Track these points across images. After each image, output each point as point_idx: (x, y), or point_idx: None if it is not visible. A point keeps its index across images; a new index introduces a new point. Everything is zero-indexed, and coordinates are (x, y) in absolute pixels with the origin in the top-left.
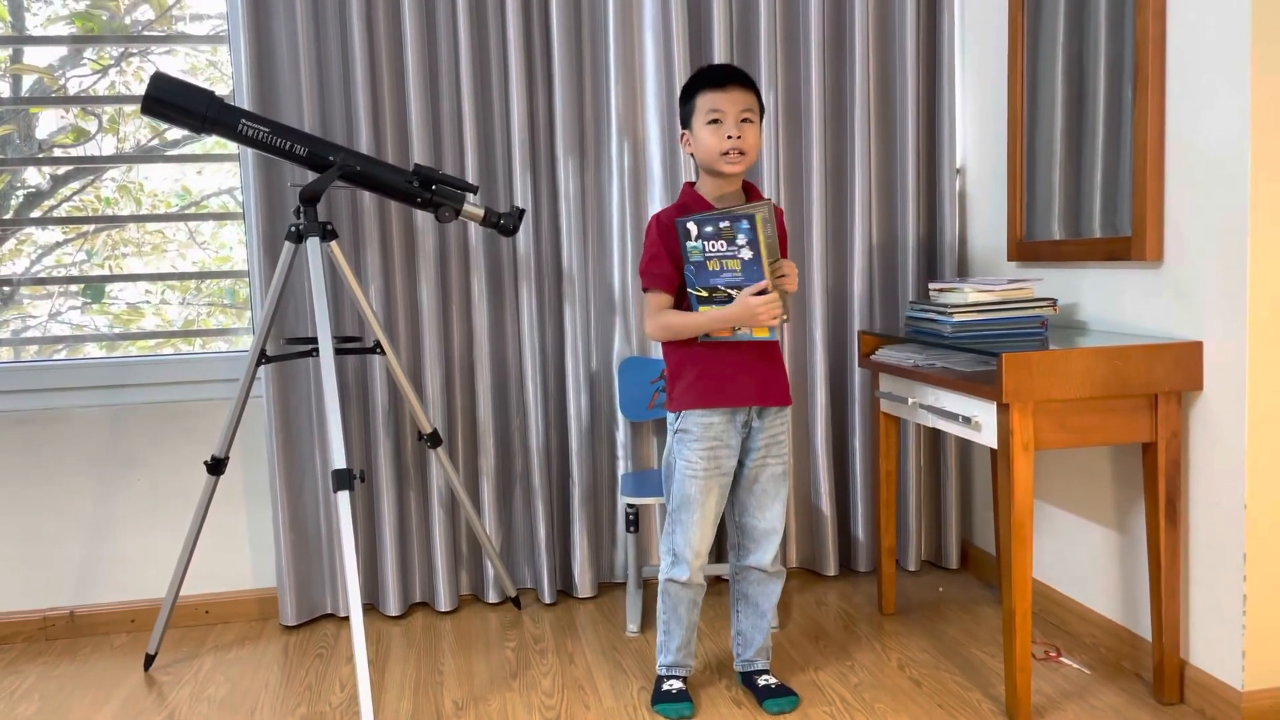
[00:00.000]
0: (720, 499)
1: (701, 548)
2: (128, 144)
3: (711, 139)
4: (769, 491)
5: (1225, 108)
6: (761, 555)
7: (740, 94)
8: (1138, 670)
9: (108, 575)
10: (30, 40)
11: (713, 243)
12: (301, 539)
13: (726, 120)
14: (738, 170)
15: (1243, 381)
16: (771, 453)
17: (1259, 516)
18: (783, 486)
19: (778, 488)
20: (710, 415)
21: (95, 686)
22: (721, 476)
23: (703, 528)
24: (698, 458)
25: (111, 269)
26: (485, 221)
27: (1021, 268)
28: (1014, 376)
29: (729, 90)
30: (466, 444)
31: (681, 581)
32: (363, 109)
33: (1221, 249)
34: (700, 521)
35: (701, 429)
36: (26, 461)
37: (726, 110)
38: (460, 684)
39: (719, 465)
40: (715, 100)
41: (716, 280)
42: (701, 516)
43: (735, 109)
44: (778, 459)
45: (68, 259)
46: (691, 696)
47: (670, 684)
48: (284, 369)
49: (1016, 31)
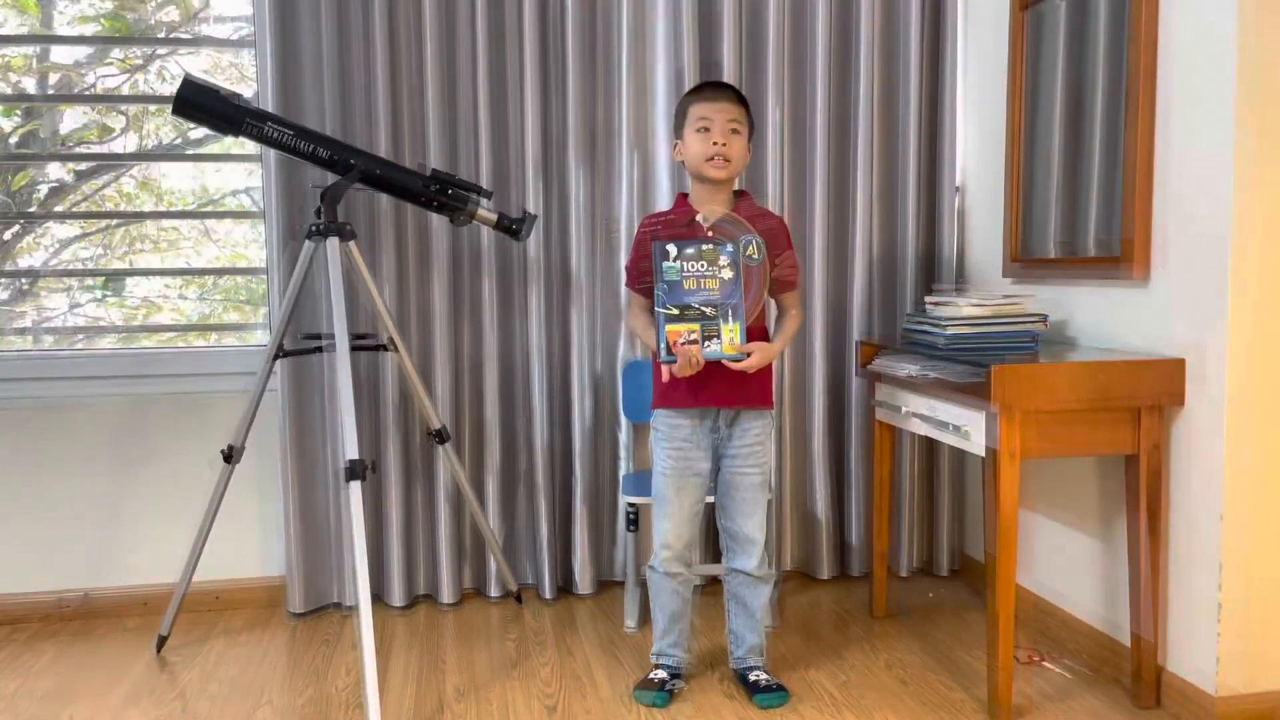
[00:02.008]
0: (695, 497)
1: (673, 540)
2: (150, 141)
3: (698, 145)
4: (749, 500)
5: (1210, 136)
6: (746, 560)
7: (729, 106)
8: (1117, 676)
9: (122, 560)
10: (59, 40)
11: (693, 263)
12: (310, 530)
13: (714, 128)
14: (722, 176)
15: (1222, 397)
16: (748, 461)
17: (1236, 527)
18: (762, 496)
19: (757, 497)
20: (677, 416)
21: (108, 666)
22: (694, 476)
23: (675, 522)
24: (667, 456)
25: (130, 263)
26: (498, 226)
27: (1016, 283)
28: (1003, 387)
29: (718, 101)
30: (473, 441)
31: (657, 570)
32: (382, 114)
33: (1205, 270)
34: (672, 516)
35: (669, 429)
36: (46, 448)
37: (714, 119)
38: (461, 673)
39: (689, 465)
40: (705, 110)
41: (690, 299)
42: (674, 512)
43: (723, 118)
44: (755, 468)
45: (84, 253)
46: (673, 689)
47: (655, 672)
48: (298, 364)
49: (1017, 54)
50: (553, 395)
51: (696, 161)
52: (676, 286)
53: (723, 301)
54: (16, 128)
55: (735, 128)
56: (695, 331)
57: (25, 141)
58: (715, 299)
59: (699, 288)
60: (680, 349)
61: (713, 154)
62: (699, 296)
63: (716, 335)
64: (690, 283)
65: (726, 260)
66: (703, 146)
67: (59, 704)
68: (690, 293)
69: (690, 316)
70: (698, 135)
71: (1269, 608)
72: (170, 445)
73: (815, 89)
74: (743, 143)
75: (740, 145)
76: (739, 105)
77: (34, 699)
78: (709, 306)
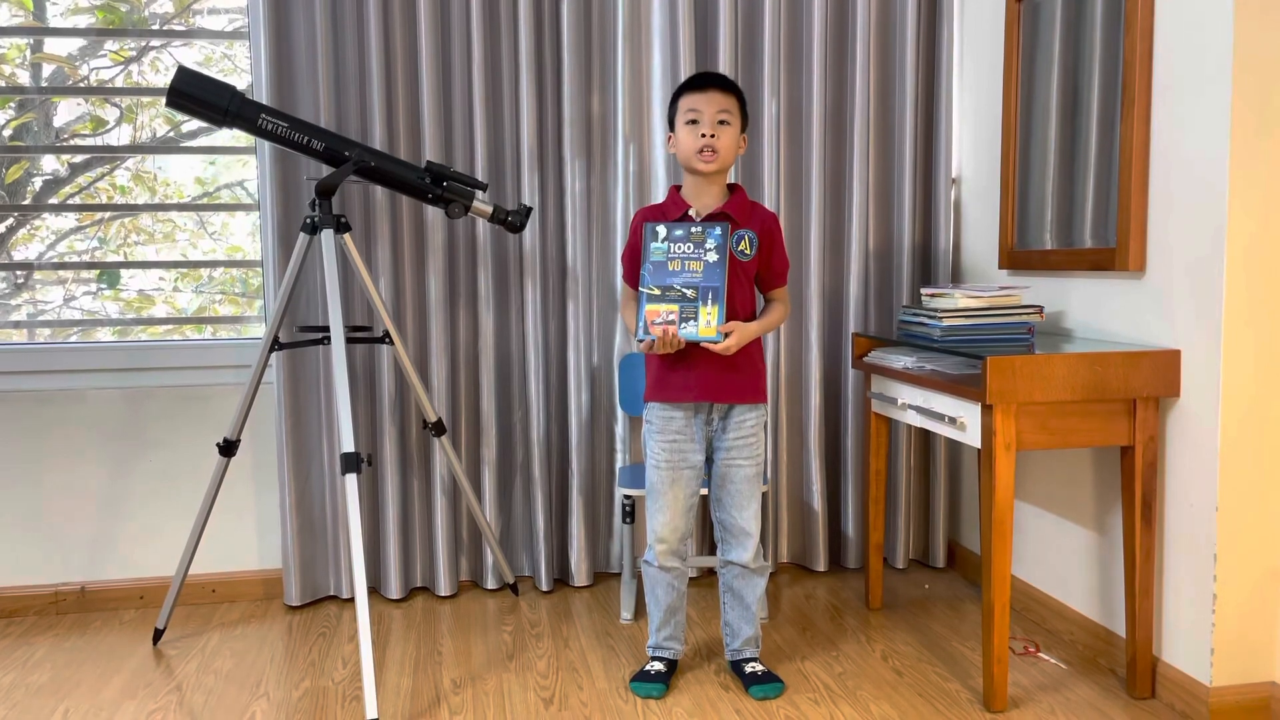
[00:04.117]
0: (689, 490)
1: (667, 534)
2: (144, 134)
3: (688, 138)
4: (743, 492)
5: (1207, 127)
6: (741, 552)
7: (718, 96)
8: (1112, 666)
9: (118, 552)
10: (52, 32)
11: (680, 244)
12: (307, 522)
13: (703, 120)
14: (712, 168)
15: (1217, 389)
16: (741, 453)
17: (1230, 518)
18: (756, 488)
19: (752, 489)
20: (670, 409)
21: (105, 658)
22: (687, 469)
23: (670, 515)
24: (660, 449)
25: (125, 256)
26: (493, 218)
27: (1012, 275)
28: (998, 379)
29: (707, 92)
30: (470, 434)
31: (652, 564)
32: (377, 106)
33: (1200, 262)
34: (666, 509)
35: (662, 422)
36: (42, 440)
37: (704, 110)
38: (458, 664)
39: (683, 458)
40: (694, 101)
41: (673, 280)
42: (668, 504)
43: (712, 109)
44: (749, 460)
45: (80, 245)
46: (670, 680)
47: (652, 665)
48: (294, 356)
49: (1012, 47)
50: (549, 388)
51: (687, 154)
52: (661, 267)
53: (703, 284)
54: (10, 120)
55: (725, 118)
56: (674, 312)
57: (19, 134)
58: (698, 280)
59: (682, 269)
60: (656, 329)
61: (701, 146)
62: (681, 278)
63: (694, 317)
64: (675, 264)
65: (714, 244)
66: (692, 139)
67: (55, 697)
68: (673, 274)
69: (670, 297)
70: (687, 128)
71: (1263, 598)
72: (167, 438)
73: (811, 82)
74: (733, 133)
75: (730, 136)
76: (729, 95)
77: (30, 692)
78: (690, 289)
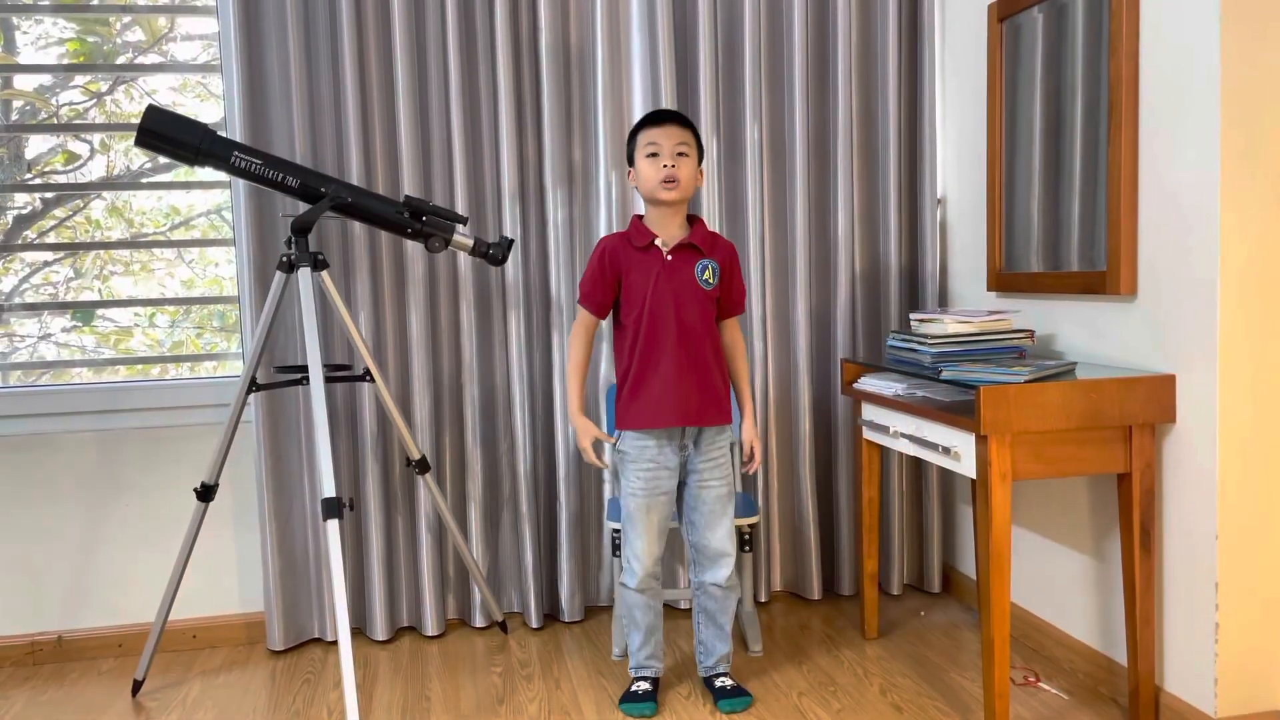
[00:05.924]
0: (664, 515)
1: (645, 558)
2: (117, 167)
3: (649, 170)
4: (715, 511)
5: (1196, 148)
6: (716, 573)
7: (676, 130)
8: (1114, 695)
9: (95, 600)
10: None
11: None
12: (289, 564)
13: (663, 152)
14: (673, 198)
15: (1214, 414)
16: (713, 474)
17: (1231, 545)
18: (728, 506)
19: (724, 508)
20: (644, 438)
21: (83, 711)
22: (661, 495)
23: (647, 540)
24: (636, 479)
25: (99, 288)
26: (474, 251)
27: (1001, 298)
28: (992, 408)
29: (665, 126)
30: (455, 470)
31: (630, 587)
32: (354, 140)
33: (1193, 285)
34: (643, 535)
35: (637, 451)
36: (15, 486)
37: (663, 144)
38: (447, 710)
39: (657, 485)
40: (653, 135)
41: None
42: (644, 530)
43: (671, 143)
44: (720, 480)
45: (55, 277)
46: (656, 697)
47: (637, 685)
48: (274, 396)
49: (995, 68)
50: (535, 420)
51: (649, 185)
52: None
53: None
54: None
55: (683, 150)
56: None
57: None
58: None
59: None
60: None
61: (663, 177)
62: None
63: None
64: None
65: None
66: (654, 171)
67: None
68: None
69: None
70: (648, 160)
71: (1266, 627)
72: (143, 481)
73: (794, 107)
74: (692, 165)
75: (689, 167)
76: (685, 129)
77: None
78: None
